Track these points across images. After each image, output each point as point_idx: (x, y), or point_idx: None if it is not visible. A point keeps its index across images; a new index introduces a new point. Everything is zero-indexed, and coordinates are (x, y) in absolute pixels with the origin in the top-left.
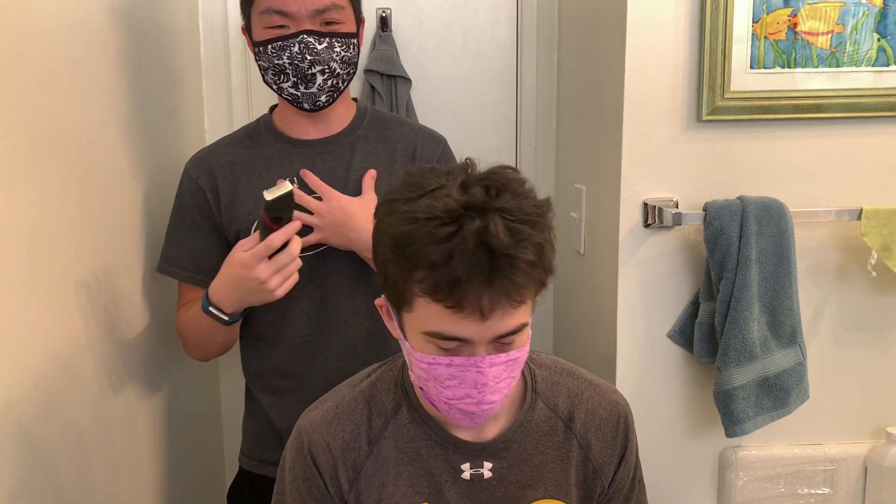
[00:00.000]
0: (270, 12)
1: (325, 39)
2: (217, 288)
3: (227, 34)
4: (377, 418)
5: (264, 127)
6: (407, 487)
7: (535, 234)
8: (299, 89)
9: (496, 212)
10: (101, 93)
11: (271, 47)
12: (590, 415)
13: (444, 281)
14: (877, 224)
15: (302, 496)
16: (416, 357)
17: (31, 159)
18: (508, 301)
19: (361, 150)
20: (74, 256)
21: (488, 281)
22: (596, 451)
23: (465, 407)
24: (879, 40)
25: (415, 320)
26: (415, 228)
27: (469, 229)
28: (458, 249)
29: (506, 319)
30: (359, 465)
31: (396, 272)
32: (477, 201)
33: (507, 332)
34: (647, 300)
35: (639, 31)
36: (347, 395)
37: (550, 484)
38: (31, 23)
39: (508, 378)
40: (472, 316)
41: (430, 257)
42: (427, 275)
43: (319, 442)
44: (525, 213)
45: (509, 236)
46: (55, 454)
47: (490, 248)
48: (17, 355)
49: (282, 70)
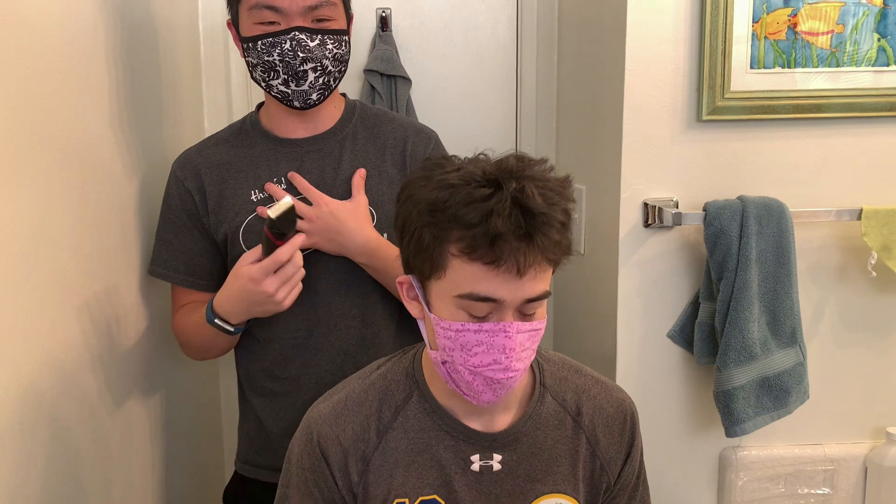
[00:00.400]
0: (260, 7)
1: (318, 37)
2: (222, 301)
3: (227, 34)
4: (387, 409)
5: (251, 126)
6: (416, 479)
7: (563, 201)
8: (290, 87)
9: (528, 179)
10: (100, 93)
11: (261, 44)
12: (597, 411)
13: (483, 238)
14: (877, 224)
15: (308, 489)
16: (443, 326)
17: (31, 160)
18: (544, 257)
19: (351, 148)
20: (74, 257)
21: (528, 236)
22: (603, 447)
23: (492, 374)
24: (879, 40)
25: (446, 286)
26: (452, 192)
27: (507, 190)
28: (498, 207)
29: (537, 281)
30: (368, 457)
31: (431, 236)
32: (511, 167)
33: (536, 295)
34: (647, 300)
35: (639, 31)
36: (357, 386)
37: (559, 478)
38: (30, 22)
39: (530, 349)
40: (510, 272)
41: (469, 216)
42: (465, 233)
43: (329, 434)
44: (553, 182)
45: (543, 199)
46: (51, 456)
47: (527, 208)
48: (13, 356)
49: (272, 67)
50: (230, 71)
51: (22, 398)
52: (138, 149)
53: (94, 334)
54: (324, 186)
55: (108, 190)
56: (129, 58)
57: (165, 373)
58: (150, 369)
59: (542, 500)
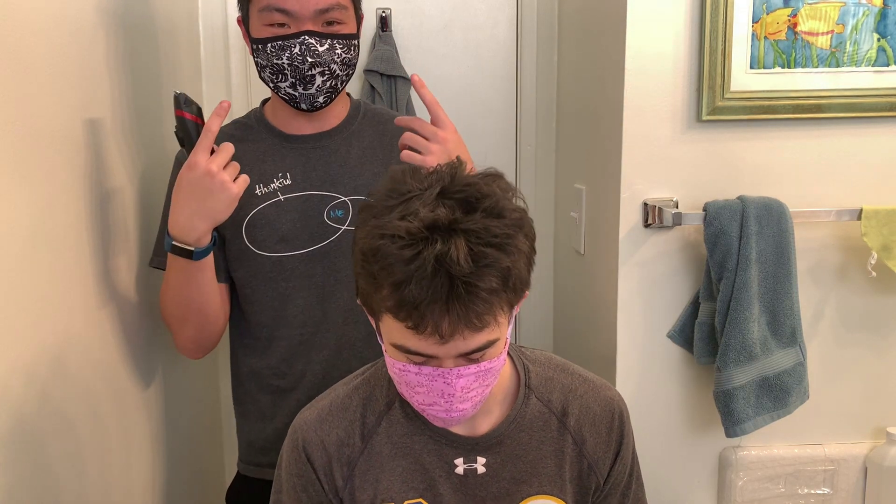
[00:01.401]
0: (271, 10)
1: (327, 41)
2: (174, 217)
3: (227, 34)
4: (371, 414)
5: (256, 121)
6: (401, 483)
7: (502, 258)
8: (297, 90)
9: (461, 234)
10: (101, 92)
11: (271, 46)
12: (584, 410)
13: (404, 303)
14: (877, 224)
15: (298, 494)
16: (389, 361)
17: (30, 159)
18: (468, 326)
19: (357, 145)
20: (74, 257)
21: (446, 307)
22: (590, 447)
23: (435, 413)
24: (879, 40)
25: (386, 330)
26: (381, 245)
27: (429, 253)
28: (418, 274)
29: (469, 340)
30: (353, 462)
31: (365, 285)
32: (442, 222)
33: (472, 350)
34: (647, 300)
35: (639, 32)
36: (341, 392)
37: (545, 479)
38: (30, 23)
39: (480, 387)
40: (433, 338)
41: (393, 278)
42: (390, 294)
43: (314, 439)
44: (493, 234)
45: (471, 262)
46: (50, 454)
47: (449, 274)
48: (14, 353)
49: (280, 70)
50: (230, 71)
51: (22, 397)
52: (141, 148)
53: (93, 334)
54: (329, 182)
55: (111, 189)
56: (129, 57)
57: (165, 373)
58: (151, 369)
59: (528, 501)
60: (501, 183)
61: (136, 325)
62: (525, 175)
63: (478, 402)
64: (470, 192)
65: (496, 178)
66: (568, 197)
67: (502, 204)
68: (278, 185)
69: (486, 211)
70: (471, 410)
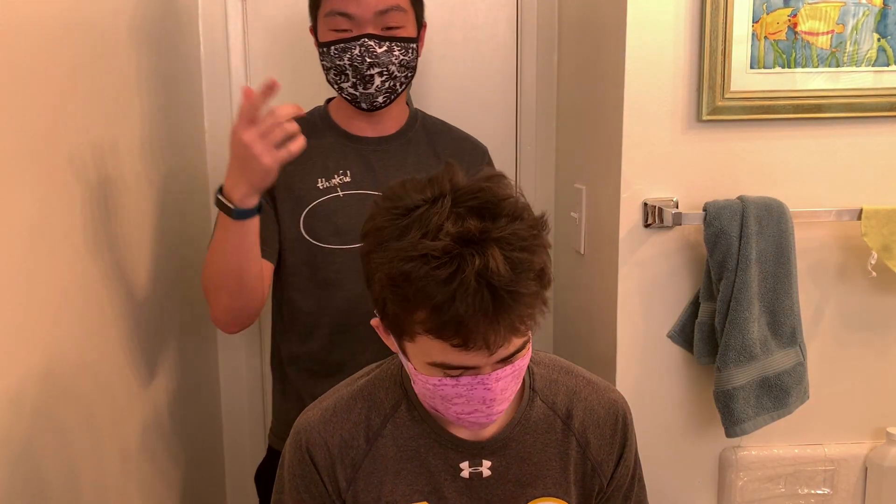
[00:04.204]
0: (334, 14)
1: (385, 43)
2: (227, 174)
3: (227, 34)
4: (376, 417)
5: (320, 118)
6: (406, 486)
7: (534, 259)
8: (358, 89)
9: (494, 243)
10: (101, 93)
11: (334, 49)
12: (588, 413)
13: (449, 322)
14: (877, 224)
15: (300, 495)
16: (419, 378)
17: (30, 159)
18: (514, 333)
19: (414, 152)
20: (73, 256)
21: (495, 318)
22: (594, 449)
23: (475, 419)
24: (879, 40)
25: (418, 351)
26: (413, 268)
27: (470, 268)
28: (460, 291)
29: (510, 346)
30: (357, 464)
31: (396, 309)
32: (473, 234)
33: (512, 353)
34: (647, 300)
35: (639, 31)
36: (346, 393)
37: (549, 482)
38: (30, 23)
39: (514, 385)
40: (482, 351)
41: (433, 299)
42: (430, 316)
43: (317, 440)
44: (522, 238)
45: (510, 270)
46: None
47: (492, 286)
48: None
49: (342, 71)
50: (230, 71)
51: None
52: (140, 148)
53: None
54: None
55: (110, 188)
56: (129, 58)
57: (164, 376)
58: (149, 372)
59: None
60: (505, 181)
61: (135, 327)
62: (525, 175)
63: (510, 400)
64: (485, 197)
65: (500, 178)
66: (568, 197)
67: (519, 204)
68: (338, 182)
69: (509, 216)
70: (505, 408)
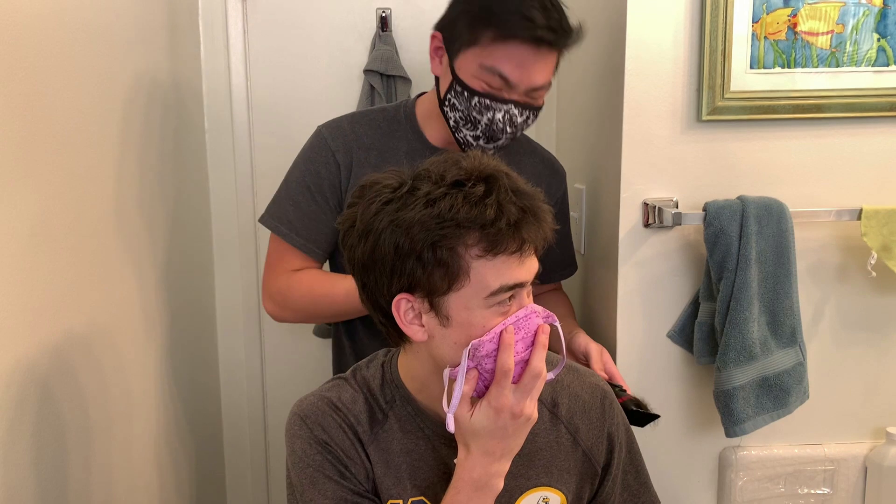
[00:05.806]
0: (494, 73)
1: (526, 112)
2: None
3: (227, 33)
4: (377, 412)
5: (405, 117)
6: (405, 480)
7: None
8: (479, 142)
9: (503, 173)
10: (101, 93)
11: (477, 100)
12: (573, 399)
13: (506, 230)
14: (877, 224)
15: (322, 484)
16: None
17: (30, 159)
18: (550, 230)
19: None
20: (73, 256)
21: (535, 220)
22: (584, 435)
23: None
24: (879, 40)
25: (471, 291)
26: (451, 201)
27: (501, 180)
28: (503, 199)
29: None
30: (367, 446)
31: (445, 249)
32: (485, 162)
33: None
34: (647, 300)
35: (639, 31)
36: (347, 391)
37: (541, 472)
38: (30, 24)
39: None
40: (529, 253)
41: (482, 217)
42: (482, 233)
43: (331, 423)
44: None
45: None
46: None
47: (521, 191)
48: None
49: (474, 122)
50: (230, 71)
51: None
52: (140, 148)
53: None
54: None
55: (111, 187)
56: (129, 58)
57: (165, 373)
58: (150, 369)
59: (528, 494)
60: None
61: (137, 326)
62: None
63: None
64: (472, 153)
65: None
66: (568, 197)
67: None
68: None
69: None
70: None
